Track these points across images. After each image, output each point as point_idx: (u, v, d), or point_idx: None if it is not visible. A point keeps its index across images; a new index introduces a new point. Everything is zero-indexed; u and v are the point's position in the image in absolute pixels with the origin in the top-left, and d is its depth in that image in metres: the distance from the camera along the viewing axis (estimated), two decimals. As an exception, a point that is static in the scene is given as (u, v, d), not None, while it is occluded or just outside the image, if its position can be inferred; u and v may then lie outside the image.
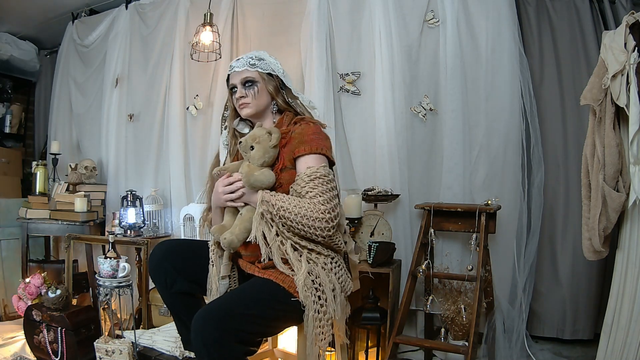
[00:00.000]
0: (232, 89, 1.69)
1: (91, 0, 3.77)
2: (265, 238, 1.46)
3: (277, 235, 1.46)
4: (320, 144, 1.52)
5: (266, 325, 1.45)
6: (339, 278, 1.55)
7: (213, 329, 1.30)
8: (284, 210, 1.42)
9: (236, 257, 1.66)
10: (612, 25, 2.51)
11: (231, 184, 1.53)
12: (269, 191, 1.49)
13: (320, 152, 1.51)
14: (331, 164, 1.57)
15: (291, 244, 1.46)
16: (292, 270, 1.46)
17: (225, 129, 1.76)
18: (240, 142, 1.55)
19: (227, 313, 1.34)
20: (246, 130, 1.73)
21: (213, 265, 1.62)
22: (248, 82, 1.64)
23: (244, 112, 1.66)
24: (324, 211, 1.42)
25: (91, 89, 3.77)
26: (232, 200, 1.54)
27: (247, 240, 1.51)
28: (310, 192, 1.44)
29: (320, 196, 1.43)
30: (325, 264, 1.50)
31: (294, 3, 2.95)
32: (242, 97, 1.64)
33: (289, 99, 1.68)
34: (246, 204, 1.53)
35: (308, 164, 1.49)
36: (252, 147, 1.51)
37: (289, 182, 1.52)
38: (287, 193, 1.51)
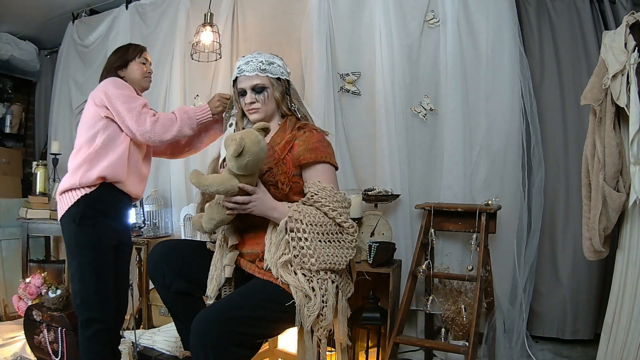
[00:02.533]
0: (240, 92, 1.69)
1: (91, 0, 3.77)
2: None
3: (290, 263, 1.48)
4: (324, 152, 1.57)
5: (266, 327, 1.46)
6: (340, 283, 1.56)
7: (212, 331, 1.31)
8: (309, 216, 1.49)
9: (236, 255, 1.66)
10: (613, 25, 2.51)
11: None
12: (289, 204, 1.51)
13: (325, 160, 1.56)
14: (335, 168, 1.62)
15: (302, 273, 1.48)
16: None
17: (230, 126, 1.77)
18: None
19: (226, 316, 1.35)
20: None
21: (218, 259, 1.64)
22: (258, 88, 1.65)
23: (253, 117, 1.67)
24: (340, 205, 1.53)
25: (91, 89, 3.66)
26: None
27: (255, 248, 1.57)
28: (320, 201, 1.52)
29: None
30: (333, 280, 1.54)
31: (294, 3, 2.95)
32: (253, 102, 1.65)
33: (292, 104, 1.70)
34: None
35: (317, 175, 1.55)
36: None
37: (297, 187, 1.58)
38: (295, 197, 1.57)
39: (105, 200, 1.89)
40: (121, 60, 2.05)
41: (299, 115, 1.70)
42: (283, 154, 1.57)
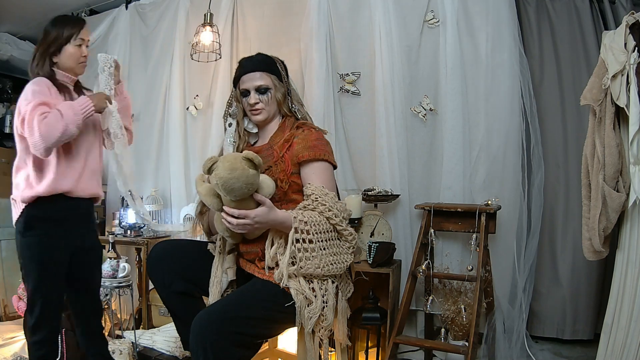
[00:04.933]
0: (243, 92, 1.69)
1: (91, 0, 3.77)
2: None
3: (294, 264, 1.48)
4: (323, 150, 1.58)
5: (266, 327, 1.46)
6: (340, 283, 1.57)
7: (212, 332, 1.31)
8: (312, 224, 1.48)
9: (236, 256, 1.66)
10: (612, 25, 2.51)
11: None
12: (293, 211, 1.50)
13: (323, 157, 1.57)
14: (333, 167, 1.63)
15: (302, 276, 1.49)
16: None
17: (229, 125, 1.76)
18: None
19: (226, 316, 1.35)
20: (255, 130, 1.75)
21: (218, 266, 1.63)
22: (262, 89, 1.64)
23: (256, 119, 1.68)
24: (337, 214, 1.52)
25: (91, 89, 3.76)
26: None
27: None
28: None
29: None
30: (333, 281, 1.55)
31: (294, 3, 2.95)
32: (257, 103, 1.65)
33: (292, 105, 1.70)
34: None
35: (315, 173, 1.56)
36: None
37: (295, 185, 1.58)
38: (294, 196, 1.58)
39: (55, 207, 1.77)
40: (56, 45, 1.80)
41: (299, 116, 1.70)
42: (282, 152, 1.58)
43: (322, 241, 1.49)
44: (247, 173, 1.36)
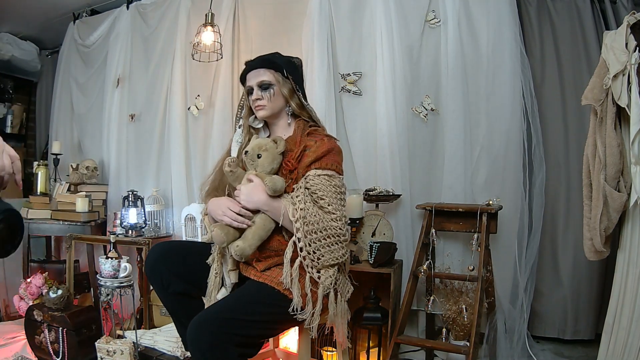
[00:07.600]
0: (248, 90, 1.70)
1: (92, 0, 3.78)
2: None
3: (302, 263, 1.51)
4: (331, 159, 1.58)
5: (264, 328, 1.47)
6: (339, 285, 1.57)
7: (207, 336, 1.32)
8: (311, 224, 1.50)
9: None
10: (613, 25, 2.51)
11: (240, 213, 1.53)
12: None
13: (331, 168, 1.57)
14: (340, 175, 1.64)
15: (310, 277, 1.50)
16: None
17: (239, 127, 1.77)
18: (247, 151, 1.58)
19: (221, 319, 1.36)
20: (259, 125, 1.76)
21: (216, 274, 1.63)
22: (264, 85, 1.65)
23: (260, 114, 1.68)
24: (336, 219, 1.53)
25: (92, 89, 3.78)
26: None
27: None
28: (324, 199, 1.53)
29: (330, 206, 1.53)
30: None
31: (295, 3, 2.95)
32: (258, 99, 1.65)
33: (306, 104, 1.70)
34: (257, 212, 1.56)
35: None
36: (259, 156, 1.56)
37: None
38: None
39: None
40: None
41: (313, 115, 1.71)
42: (295, 165, 1.59)
43: (320, 239, 1.51)
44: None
